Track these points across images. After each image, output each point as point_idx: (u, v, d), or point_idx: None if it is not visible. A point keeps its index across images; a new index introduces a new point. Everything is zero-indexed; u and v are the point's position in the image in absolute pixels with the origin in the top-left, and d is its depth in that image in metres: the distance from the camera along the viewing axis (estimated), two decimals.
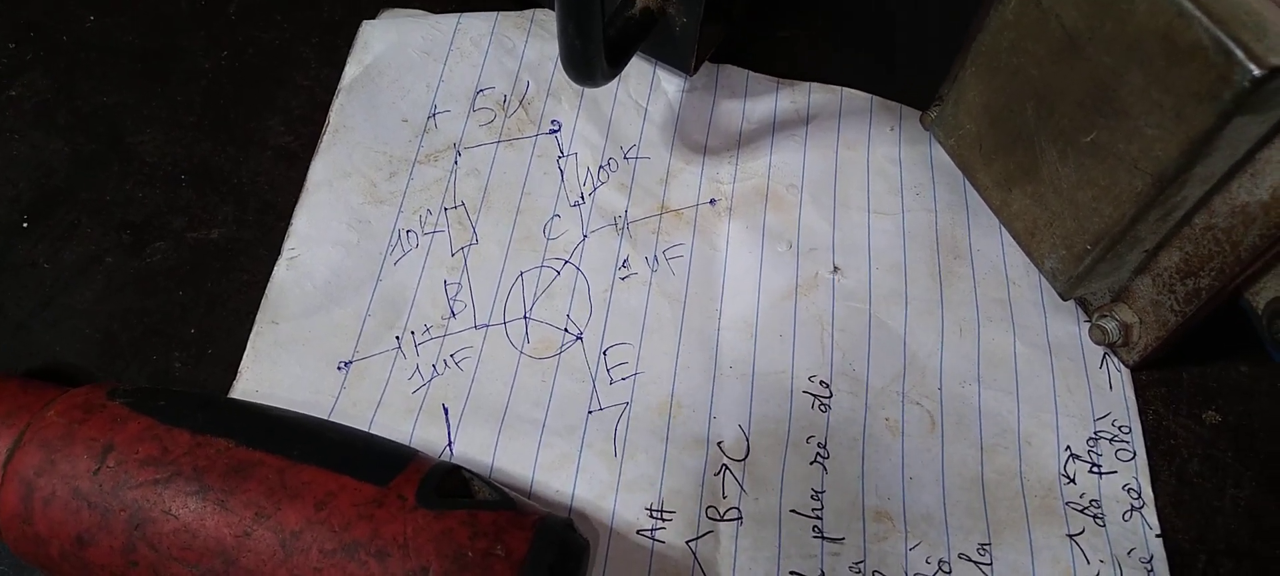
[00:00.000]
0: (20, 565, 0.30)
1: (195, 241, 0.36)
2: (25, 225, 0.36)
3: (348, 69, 0.40)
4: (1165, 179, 0.30)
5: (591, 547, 0.30)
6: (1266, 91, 0.26)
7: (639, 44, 0.37)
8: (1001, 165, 0.35)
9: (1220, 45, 0.26)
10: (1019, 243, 0.36)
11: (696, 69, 0.41)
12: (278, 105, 0.40)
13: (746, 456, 0.34)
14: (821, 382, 0.36)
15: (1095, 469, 0.35)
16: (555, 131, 0.40)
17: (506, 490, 0.29)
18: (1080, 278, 0.34)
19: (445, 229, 0.37)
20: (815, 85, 0.43)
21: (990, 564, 0.33)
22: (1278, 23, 0.27)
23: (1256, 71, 0.26)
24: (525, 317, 0.36)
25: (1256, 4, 0.27)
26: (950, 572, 0.33)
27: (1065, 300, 0.37)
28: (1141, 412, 0.37)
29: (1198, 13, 0.27)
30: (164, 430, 0.27)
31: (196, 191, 0.38)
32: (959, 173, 0.39)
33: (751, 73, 0.43)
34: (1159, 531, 0.34)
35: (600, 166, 0.40)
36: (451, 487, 0.27)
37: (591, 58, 0.33)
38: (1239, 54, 0.26)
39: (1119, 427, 0.36)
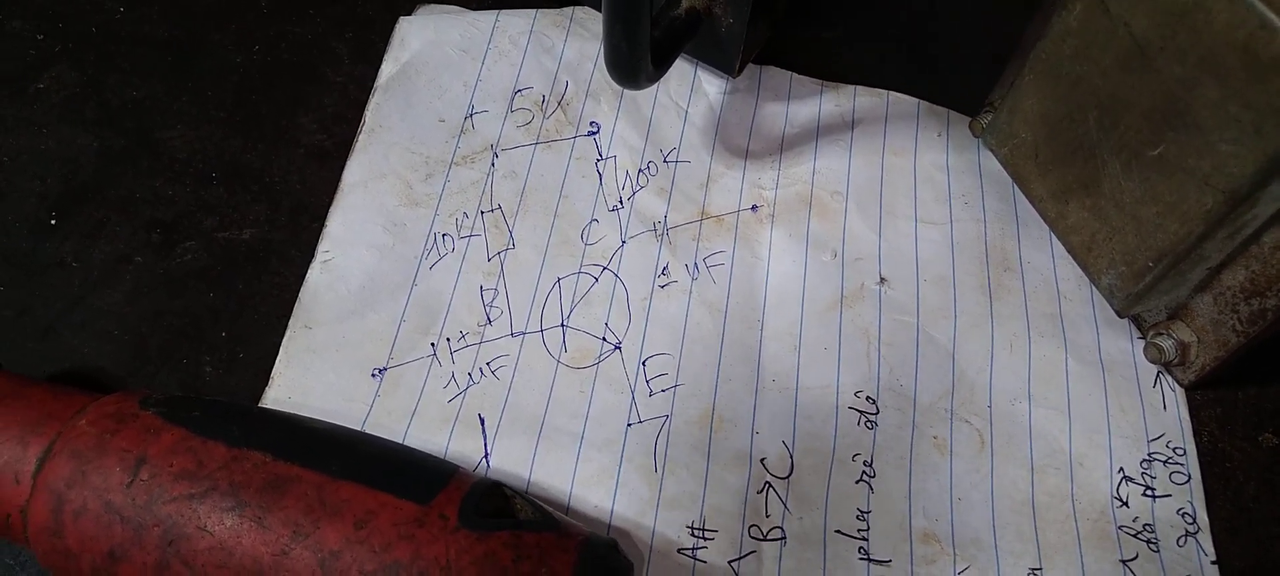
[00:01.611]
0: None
1: (226, 242, 0.36)
2: (53, 222, 0.35)
3: (384, 67, 0.39)
4: (1238, 197, 0.28)
5: (637, 569, 0.29)
6: None
7: (684, 45, 0.36)
8: (1059, 176, 0.34)
9: None
10: (1074, 257, 0.35)
11: (741, 71, 0.40)
12: (310, 102, 0.39)
13: (790, 474, 0.33)
14: (868, 398, 0.34)
15: (1149, 492, 0.34)
16: (594, 133, 0.39)
17: (548, 508, 0.28)
18: (1140, 295, 0.33)
19: (482, 233, 0.36)
20: (860, 88, 0.42)
21: None
22: None
23: None
24: (563, 325, 0.35)
25: None
26: None
27: (1121, 317, 0.36)
28: (1197, 434, 0.36)
29: None
30: (199, 442, 0.26)
31: (227, 190, 0.37)
32: (1008, 181, 0.38)
33: (795, 75, 0.42)
34: (1214, 558, 0.33)
35: (640, 170, 0.39)
36: (493, 506, 0.27)
37: (638, 60, 0.32)
38: None
39: (1173, 449, 0.35)
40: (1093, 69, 0.31)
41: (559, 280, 0.36)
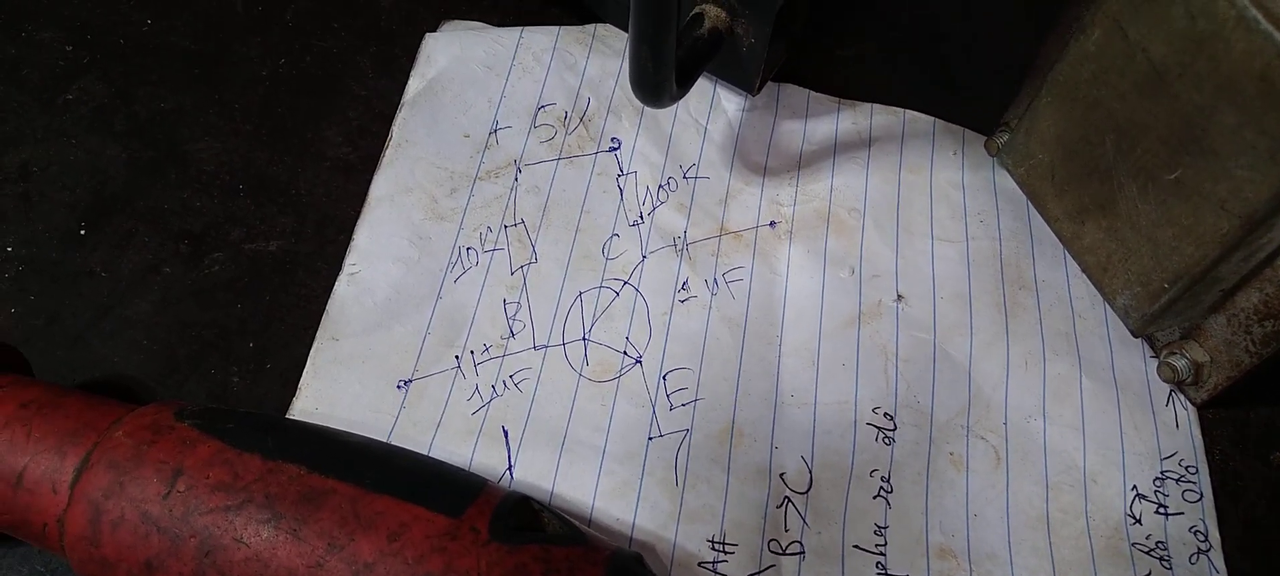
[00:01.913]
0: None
1: (253, 253, 0.36)
2: (83, 233, 0.36)
3: (411, 82, 0.39)
4: (1254, 221, 0.29)
5: None
6: None
7: (706, 64, 0.36)
8: (1075, 197, 0.35)
9: None
10: (1089, 277, 0.36)
11: (760, 89, 0.40)
12: (335, 115, 0.39)
13: (809, 489, 0.33)
14: (886, 415, 0.35)
15: (1162, 509, 0.34)
16: (615, 149, 0.40)
17: (574, 522, 0.28)
18: (1155, 316, 0.34)
19: (505, 247, 0.37)
20: (877, 106, 0.42)
21: None
22: None
23: None
24: (584, 339, 0.36)
25: None
26: None
27: (1137, 337, 0.36)
28: (1209, 453, 0.36)
29: None
30: (234, 454, 0.26)
31: (254, 202, 0.37)
32: (1024, 201, 0.38)
33: (812, 93, 0.42)
34: (1226, 575, 0.33)
35: (660, 186, 0.39)
36: (522, 520, 0.27)
37: (663, 79, 0.33)
38: None
39: (1186, 467, 0.35)
40: (1110, 93, 0.32)
41: (581, 294, 0.36)
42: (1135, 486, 0.35)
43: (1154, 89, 0.30)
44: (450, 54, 0.40)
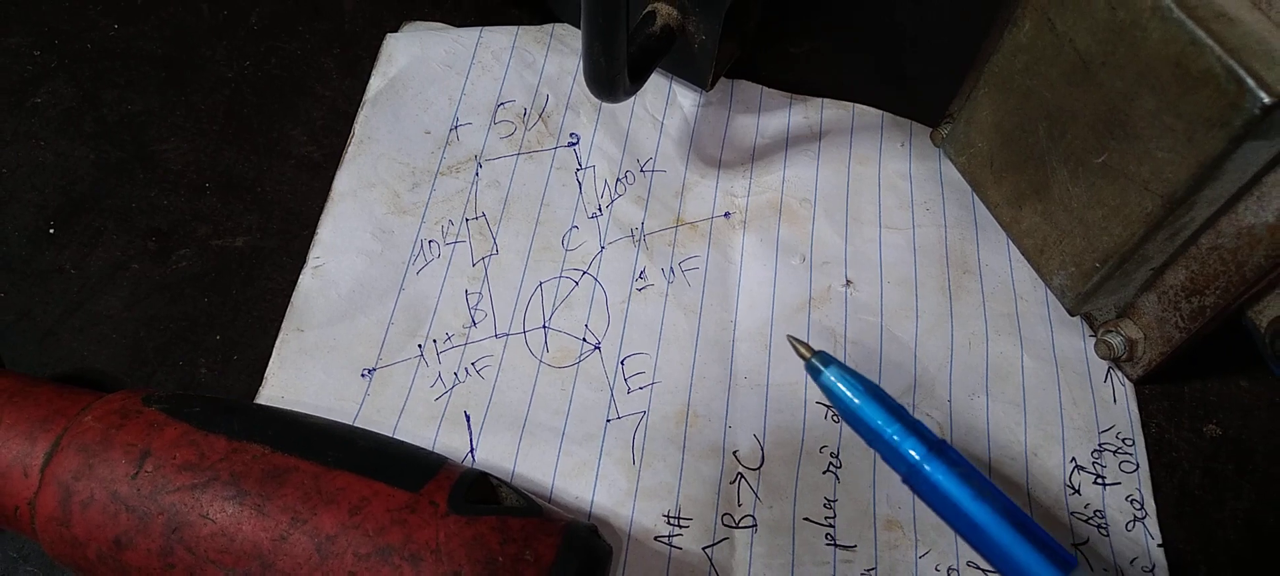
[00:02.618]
0: (51, 566, 0.31)
1: (220, 249, 0.37)
2: (52, 232, 0.37)
3: (372, 81, 0.41)
4: (1175, 200, 0.30)
5: (616, 554, 0.31)
6: (1275, 118, 0.27)
7: (659, 60, 0.38)
8: (1012, 183, 0.36)
9: (1232, 73, 0.27)
10: (1028, 259, 0.37)
11: (713, 84, 0.42)
12: (300, 115, 0.41)
13: (761, 465, 0.35)
14: None
15: (1099, 480, 0.36)
16: (574, 144, 0.41)
17: (532, 497, 0.29)
18: (1088, 294, 0.35)
19: (466, 239, 0.38)
20: (828, 101, 0.44)
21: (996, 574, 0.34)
22: None
23: (1266, 99, 0.27)
24: (544, 327, 0.37)
25: (1267, 33, 0.28)
26: None
27: (1073, 316, 0.38)
28: (1144, 426, 0.38)
29: (1210, 42, 0.28)
30: (200, 436, 0.27)
31: (221, 199, 0.38)
32: (968, 189, 0.40)
33: (765, 88, 0.44)
34: (1161, 541, 0.35)
35: (618, 179, 0.40)
36: (481, 494, 0.28)
37: (615, 75, 0.34)
38: (1250, 82, 0.27)
39: (1123, 440, 0.37)
40: (1041, 82, 0.33)
41: (541, 284, 0.38)
42: (1074, 459, 0.36)
43: (1081, 77, 0.32)
44: (411, 53, 0.41)
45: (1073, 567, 0.28)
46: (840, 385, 0.31)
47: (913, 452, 0.30)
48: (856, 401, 0.31)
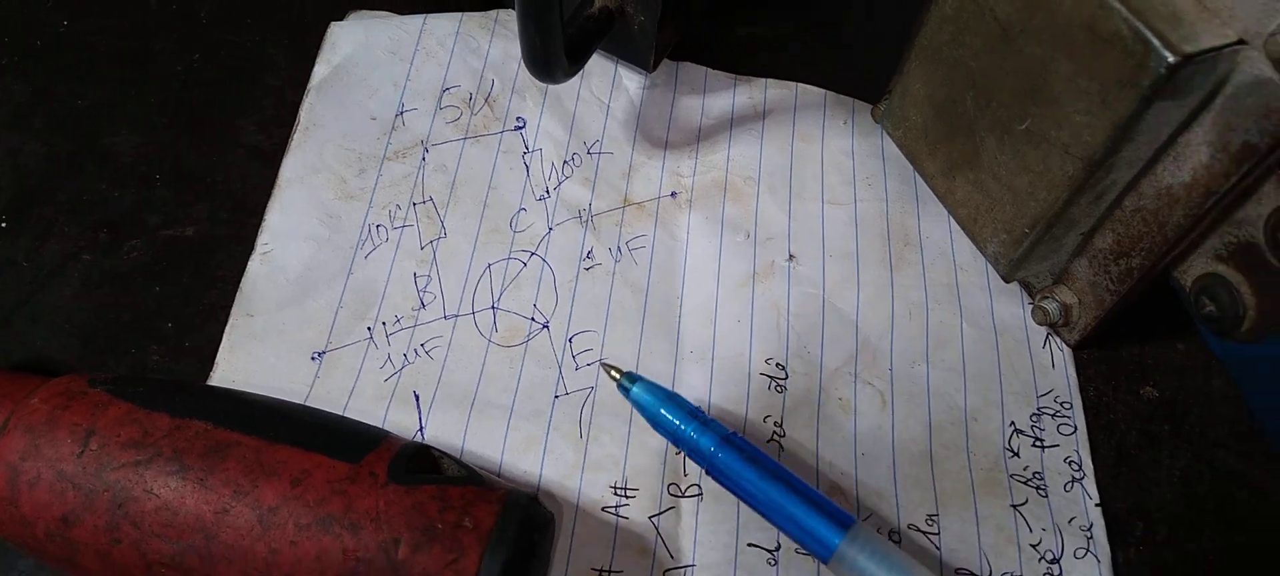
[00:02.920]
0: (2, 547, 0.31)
1: (170, 239, 0.38)
2: (4, 224, 0.37)
3: (317, 69, 0.41)
4: (1094, 162, 0.31)
5: (556, 521, 0.32)
6: (1181, 78, 0.28)
7: (598, 42, 0.38)
8: (945, 154, 0.37)
9: (1138, 35, 0.28)
10: (963, 228, 0.38)
11: (655, 66, 0.42)
12: (249, 105, 0.41)
13: None
14: (778, 365, 0.37)
15: (1038, 443, 0.37)
16: (520, 128, 0.42)
17: (474, 468, 0.30)
18: (1020, 261, 0.36)
19: (414, 223, 0.39)
20: (771, 82, 0.44)
21: (938, 533, 0.35)
22: (1191, 13, 0.29)
23: (1171, 59, 0.28)
24: (493, 308, 0.37)
25: None
26: (900, 542, 0.34)
27: (1008, 283, 0.39)
28: (1082, 389, 0.39)
29: (1117, 4, 0.28)
30: (144, 414, 0.28)
31: (171, 190, 0.39)
32: (908, 165, 0.41)
33: (710, 70, 0.45)
34: (1098, 500, 0.36)
35: (565, 161, 0.41)
36: (422, 465, 0.29)
37: (552, 55, 0.35)
38: (1156, 43, 0.28)
39: (1061, 403, 0.38)
40: (966, 52, 0.34)
41: (489, 265, 0.38)
42: (1013, 422, 0.37)
43: (1002, 45, 0.33)
44: (355, 40, 0.42)
45: (851, 524, 0.31)
46: (645, 397, 0.34)
47: (708, 446, 0.32)
48: (662, 410, 0.33)
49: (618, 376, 0.34)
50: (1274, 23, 0.27)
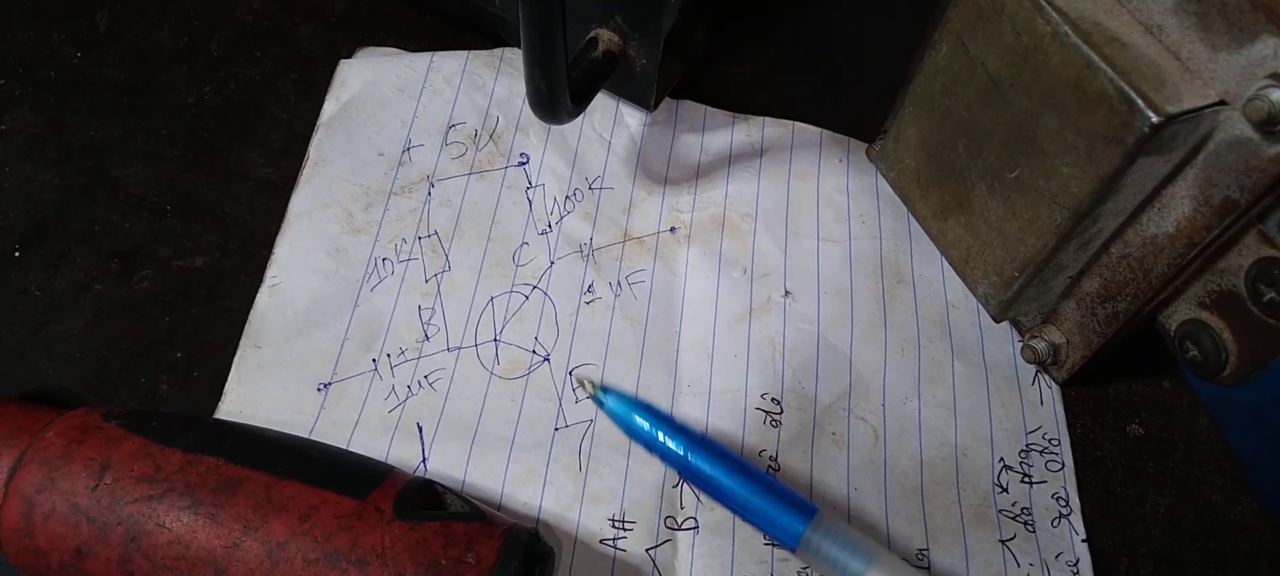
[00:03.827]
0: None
1: (180, 270, 0.38)
2: (17, 254, 0.38)
3: (326, 106, 0.42)
4: (1080, 212, 0.32)
5: (557, 555, 0.33)
6: (1165, 136, 0.29)
7: (601, 84, 0.39)
8: (937, 197, 0.38)
9: (1123, 94, 0.29)
10: (955, 269, 0.39)
11: (656, 105, 0.43)
12: (258, 138, 0.42)
13: None
14: (773, 400, 0.38)
15: (1026, 479, 0.38)
16: (524, 164, 0.43)
17: (477, 502, 0.31)
18: (1010, 302, 0.37)
19: (419, 257, 0.39)
20: (768, 120, 0.45)
21: (928, 567, 0.35)
22: (1174, 74, 0.30)
23: (1155, 118, 0.29)
24: (495, 340, 0.38)
25: (1157, 57, 0.30)
26: None
27: (998, 322, 0.40)
28: (1070, 426, 0.40)
29: (1103, 65, 0.30)
30: (157, 449, 0.29)
31: (181, 221, 0.40)
32: (901, 203, 0.42)
33: (709, 108, 0.46)
34: (1085, 536, 0.37)
35: (567, 197, 0.42)
36: (426, 501, 0.30)
37: (556, 99, 0.35)
38: (1140, 103, 0.29)
39: (1049, 440, 0.39)
40: (958, 102, 0.35)
41: (492, 299, 0.39)
42: (1002, 458, 0.38)
43: (993, 98, 0.34)
44: (364, 78, 0.43)
45: (814, 513, 0.32)
46: (617, 407, 0.33)
47: (680, 449, 0.33)
48: (634, 417, 0.33)
49: (590, 390, 0.34)
50: (1253, 86, 0.28)
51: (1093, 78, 0.30)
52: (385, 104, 0.42)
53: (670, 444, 0.33)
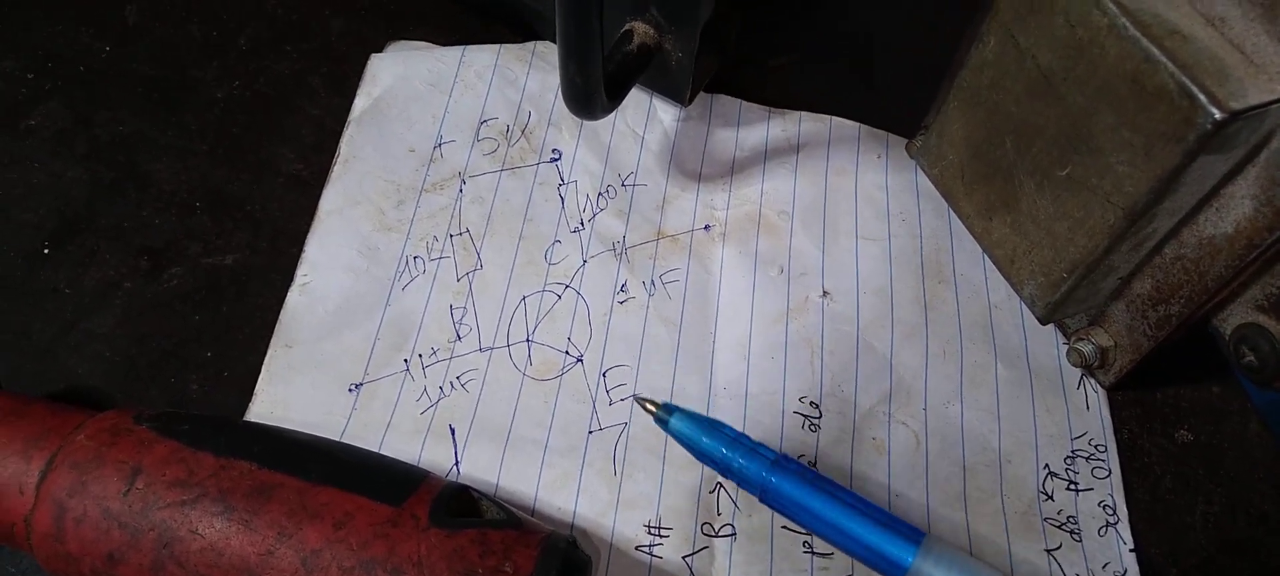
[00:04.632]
0: None
1: (210, 267, 0.38)
2: (46, 251, 0.38)
3: (357, 101, 0.41)
4: (1136, 212, 0.31)
5: (593, 564, 0.32)
6: (1227, 133, 0.28)
7: (636, 78, 0.38)
8: (983, 195, 0.37)
9: (1185, 90, 0.28)
10: (1000, 269, 0.38)
11: (691, 100, 0.42)
12: (288, 134, 0.41)
13: None
14: (811, 403, 0.37)
15: (1072, 486, 0.37)
16: (556, 160, 0.42)
17: (512, 509, 0.30)
18: (1058, 304, 0.36)
19: (451, 255, 0.39)
20: (805, 114, 0.44)
21: None
22: (1238, 68, 0.28)
23: (1218, 115, 0.28)
24: (528, 341, 0.38)
25: (1219, 50, 0.29)
26: None
27: (1044, 325, 0.39)
28: (1116, 432, 0.38)
29: (1164, 59, 0.28)
30: (189, 453, 0.28)
31: (211, 218, 0.39)
32: (943, 200, 0.41)
33: (744, 102, 0.45)
34: (1133, 546, 0.36)
35: (599, 193, 0.41)
36: (461, 507, 0.29)
37: (591, 93, 0.35)
38: (1202, 98, 0.28)
39: (1095, 446, 0.38)
40: (1007, 97, 0.34)
41: (524, 298, 0.39)
42: (1047, 465, 0.37)
43: (1044, 93, 0.33)
44: (395, 73, 0.42)
45: (921, 538, 0.31)
46: (684, 427, 0.33)
47: (759, 471, 0.32)
48: (704, 439, 0.33)
49: (654, 409, 0.34)
50: None
51: (1152, 72, 0.29)
52: (417, 99, 0.42)
53: (747, 466, 0.32)
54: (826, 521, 0.31)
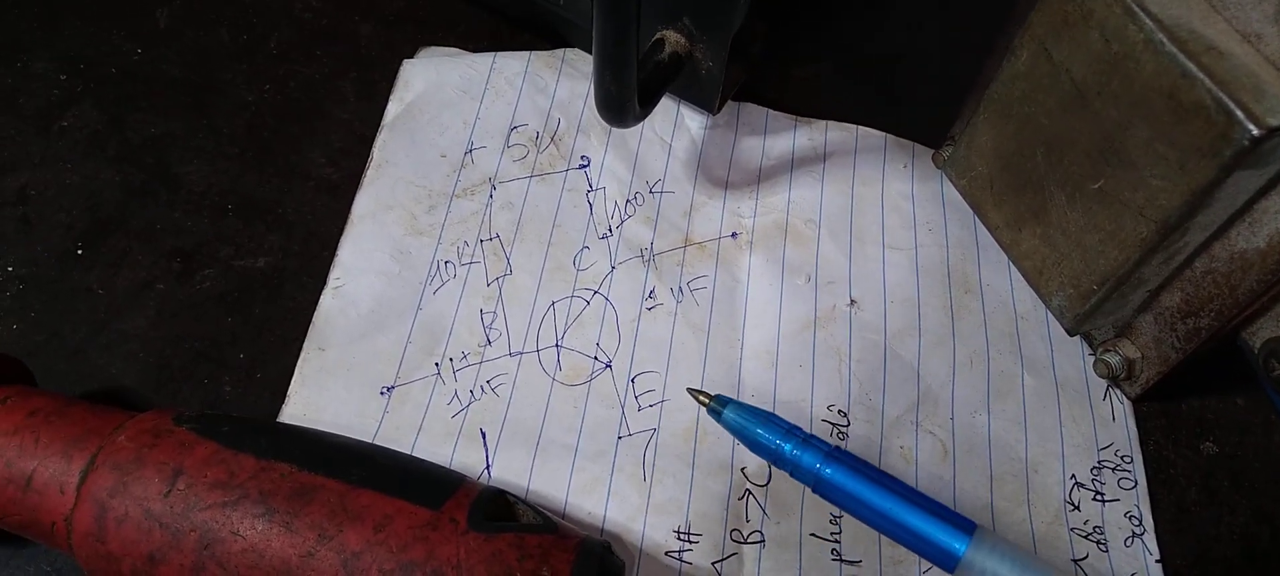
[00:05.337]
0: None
1: (242, 269, 0.38)
2: (79, 252, 0.38)
3: (390, 106, 0.42)
4: (1168, 226, 0.31)
5: (626, 569, 0.32)
6: (1264, 149, 0.28)
7: (668, 86, 0.39)
8: (1012, 206, 0.37)
9: (1221, 105, 0.28)
10: (1028, 280, 0.38)
11: (720, 108, 0.43)
12: (318, 138, 0.42)
13: (768, 482, 0.36)
14: (840, 412, 0.37)
15: (1099, 497, 0.37)
16: (585, 166, 0.42)
17: (548, 513, 0.30)
18: (1086, 315, 0.36)
19: (481, 260, 0.39)
20: (832, 123, 0.45)
21: None
22: (1274, 85, 0.29)
23: (1255, 131, 0.28)
24: (557, 346, 0.38)
25: (1256, 66, 0.29)
26: None
27: (1072, 336, 0.39)
28: (1143, 443, 0.39)
29: (1200, 74, 0.29)
30: (230, 455, 0.28)
31: (242, 221, 0.39)
32: (969, 210, 0.41)
33: (771, 111, 0.45)
34: (1159, 557, 0.36)
35: (627, 200, 0.41)
36: (498, 511, 0.29)
37: (625, 101, 0.35)
38: (1239, 114, 0.28)
39: (1121, 457, 0.38)
40: (1039, 109, 0.34)
41: (553, 303, 0.39)
42: (1074, 475, 0.37)
43: (1077, 106, 0.33)
44: (427, 79, 0.42)
45: (975, 528, 0.31)
46: (738, 419, 0.34)
47: (813, 463, 0.33)
48: (758, 430, 0.34)
49: (707, 400, 0.34)
50: None
51: (1189, 88, 0.29)
52: (448, 105, 0.42)
53: (803, 458, 0.33)
54: (880, 511, 0.32)
